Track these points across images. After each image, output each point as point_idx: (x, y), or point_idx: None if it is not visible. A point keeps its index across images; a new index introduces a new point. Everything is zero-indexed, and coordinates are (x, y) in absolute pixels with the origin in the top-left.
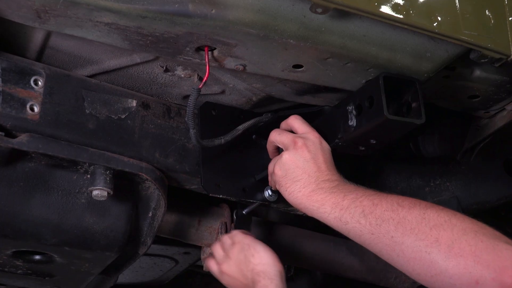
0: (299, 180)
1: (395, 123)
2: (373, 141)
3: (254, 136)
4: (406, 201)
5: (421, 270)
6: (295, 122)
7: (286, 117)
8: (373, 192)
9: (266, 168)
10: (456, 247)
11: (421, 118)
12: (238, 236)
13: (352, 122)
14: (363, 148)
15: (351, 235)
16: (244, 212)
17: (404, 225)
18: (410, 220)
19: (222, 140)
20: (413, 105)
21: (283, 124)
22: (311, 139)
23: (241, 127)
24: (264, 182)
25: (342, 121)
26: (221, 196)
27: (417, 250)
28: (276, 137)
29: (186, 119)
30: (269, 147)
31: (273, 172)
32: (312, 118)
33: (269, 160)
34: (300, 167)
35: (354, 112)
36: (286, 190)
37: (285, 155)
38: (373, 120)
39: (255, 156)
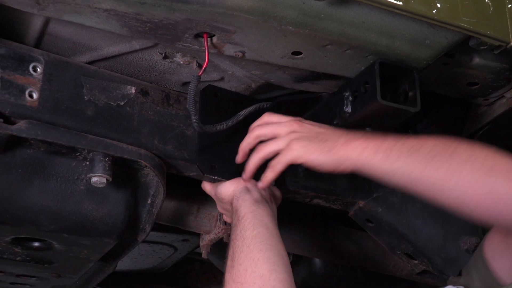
0: (327, 139)
1: (389, 110)
2: (368, 129)
3: None
4: (450, 138)
5: (481, 197)
6: (273, 117)
7: (286, 102)
8: (411, 136)
9: None
10: (498, 167)
11: (416, 106)
12: (205, 189)
13: (348, 108)
14: None
15: (398, 174)
16: None
17: (459, 155)
18: (463, 151)
19: (224, 125)
20: (410, 93)
21: (259, 122)
22: (300, 119)
23: (242, 113)
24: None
25: (338, 107)
26: (215, 177)
27: (477, 176)
28: (263, 129)
29: (187, 106)
30: (247, 146)
31: (289, 147)
32: (310, 104)
33: None
34: (318, 131)
35: (350, 98)
36: (322, 151)
37: (293, 134)
38: (367, 106)
39: None
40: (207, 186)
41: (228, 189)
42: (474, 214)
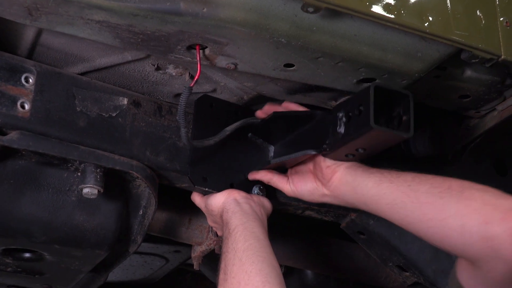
0: None
1: (381, 134)
2: (360, 150)
3: (249, 134)
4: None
5: (433, 214)
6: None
7: (281, 117)
8: None
9: (259, 166)
10: (467, 193)
11: (409, 132)
12: (195, 201)
13: (341, 129)
14: (351, 156)
15: (369, 184)
16: None
17: (420, 177)
18: (425, 175)
19: (211, 141)
20: (404, 118)
21: None
22: None
23: (228, 129)
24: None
25: (331, 126)
26: (206, 189)
27: (431, 195)
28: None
29: (177, 117)
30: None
31: None
32: (304, 120)
33: (262, 158)
34: None
35: (344, 119)
36: None
37: None
38: (360, 129)
39: (248, 154)
40: (197, 198)
41: (218, 201)
42: (430, 227)
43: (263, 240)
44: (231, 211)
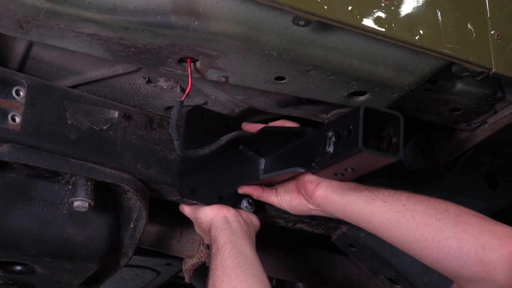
0: None
1: (370, 157)
2: (349, 170)
3: (240, 147)
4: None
5: (430, 235)
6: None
7: (271, 132)
8: None
9: (248, 181)
10: (463, 217)
11: (398, 155)
12: (184, 212)
13: (330, 148)
14: (340, 175)
15: (360, 203)
16: None
17: (415, 197)
18: (420, 196)
19: (206, 150)
20: (393, 140)
21: None
22: None
23: (225, 138)
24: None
25: (321, 145)
26: (194, 202)
27: (428, 216)
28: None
29: (169, 131)
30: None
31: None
32: (294, 137)
33: (253, 171)
34: None
35: (333, 138)
36: None
37: None
38: (348, 150)
39: (238, 166)
40: (186, 209)
41: (207, 215)
42: (426, 248)
43: (252, 258)
44: (220, 228)
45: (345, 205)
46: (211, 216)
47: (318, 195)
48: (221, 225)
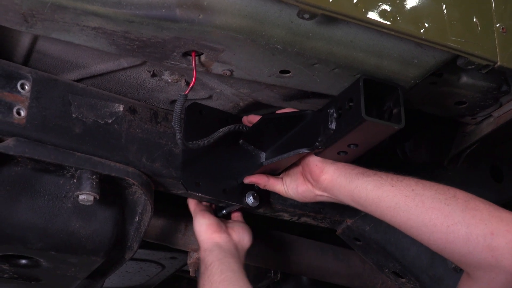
0: None
1: (373, 126)
2: (353, 146)
3: (241, 141)
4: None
5: (439, 220)
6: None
7: (272, 119)
8: None
9: (251, 171)
10: (472, 203)
11: (400, 123)
12: (190, 207)
13: (332, 125)
14: (343, 154)
15: (369, 187)
16: (224, 212)
17: (424, 183)
18: (429, 182)
19: (205, 141)
20: (394, 111)
21: None
22: None
23: (221, 130)
24: (247, 186)
25: (322, 124)
26: (199, 194)
27: (437, 201)
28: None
29: (172, 123)
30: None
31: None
32: (295, 121)
33: (254, 164)
34: None
35: (335, 115)
36: None
37: None
38: (351, 122)
39: (240, 160)
40: (191, 205)
41: (200, 232)
42: (435, 233)
43: (239, 272)
44: (209, 250)
45: (353, 189)
46: (202, 237)
47: (325, 179)
48: (210, 247)
